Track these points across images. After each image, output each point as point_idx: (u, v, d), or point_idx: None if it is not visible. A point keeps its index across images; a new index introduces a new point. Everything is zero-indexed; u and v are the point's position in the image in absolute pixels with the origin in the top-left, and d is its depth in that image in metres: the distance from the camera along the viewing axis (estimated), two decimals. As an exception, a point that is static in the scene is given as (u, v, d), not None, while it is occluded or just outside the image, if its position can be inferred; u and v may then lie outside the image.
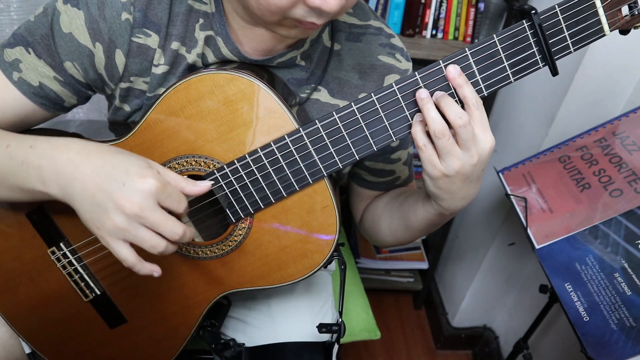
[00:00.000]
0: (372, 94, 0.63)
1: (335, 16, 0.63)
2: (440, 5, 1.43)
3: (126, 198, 0.59)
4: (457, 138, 0.61)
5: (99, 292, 0.79)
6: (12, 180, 0.65)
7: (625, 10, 0.59)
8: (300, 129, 0.65)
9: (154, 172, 0.61)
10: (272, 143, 0.66)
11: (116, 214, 0.59)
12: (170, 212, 0.62)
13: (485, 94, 0.63)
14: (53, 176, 0.62)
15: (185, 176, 0.71)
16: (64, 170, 0.62)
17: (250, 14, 0.66)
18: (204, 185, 0.65)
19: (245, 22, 0.69)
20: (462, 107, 0.61)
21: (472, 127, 0.61)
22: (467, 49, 0.61)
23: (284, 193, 0.69)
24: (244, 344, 0.88)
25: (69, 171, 0.61)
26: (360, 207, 0.93)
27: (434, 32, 1.46)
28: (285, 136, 0.66)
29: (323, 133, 0.65)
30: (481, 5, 1.43)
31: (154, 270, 0.64)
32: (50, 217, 0.75)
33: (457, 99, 0.62)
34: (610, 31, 0.60)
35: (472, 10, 1.43)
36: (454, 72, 0.61)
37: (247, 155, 0.67)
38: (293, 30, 0.65)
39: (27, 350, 0.84)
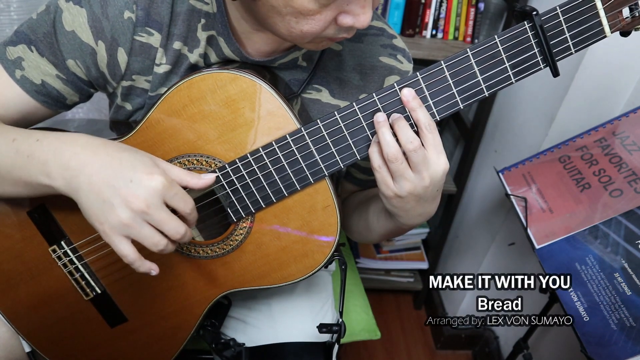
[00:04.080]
0: (374, 94, 0.63)
1: None
2: (440, 5, 1.43)
3: (133, 194, 0.59)
4: (409, 161, 0.62)
5: (99, 291, 0.79)
6: (17, 173, 0.65)
7: (626, 12, 0.59)
8: (302, 128, 0.66)
9: (161, 170, 0.62)
10: (273, 142, 0.66)
11: (122, 210, 0.60)
12: (175, 212, 0.63)
13: (487, 95, 0.63)
14: (59, 170, 0.62)
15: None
16: (70, 165, 0.62)
17: (262, 25, 0.65)
18: (209, 178, 0.66)
19: (252, 28, 0.69)
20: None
21: (424, 151, 0.62)
22: (468, 49, 0.61)
23: (285, 192, 0.69)
24: (244, 344, 0.88)
25: (75, 165, 0.62)
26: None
27: (434, 32, 1.46)
28: (287, 136, 0.66)
29: (325, 133, 0.65)
30: (481, 5, 1.43)
31: (152, 268, 0.64)
32: (51, 215, 0.75)
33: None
34: (611, 32, 0.60)
35: (472, 10, 1.43)
36: (408, 95, 0.61)
37: (248, 155, 0.67)
38: (321, 43, 0.65)
39: (27, 349, 0.84)
